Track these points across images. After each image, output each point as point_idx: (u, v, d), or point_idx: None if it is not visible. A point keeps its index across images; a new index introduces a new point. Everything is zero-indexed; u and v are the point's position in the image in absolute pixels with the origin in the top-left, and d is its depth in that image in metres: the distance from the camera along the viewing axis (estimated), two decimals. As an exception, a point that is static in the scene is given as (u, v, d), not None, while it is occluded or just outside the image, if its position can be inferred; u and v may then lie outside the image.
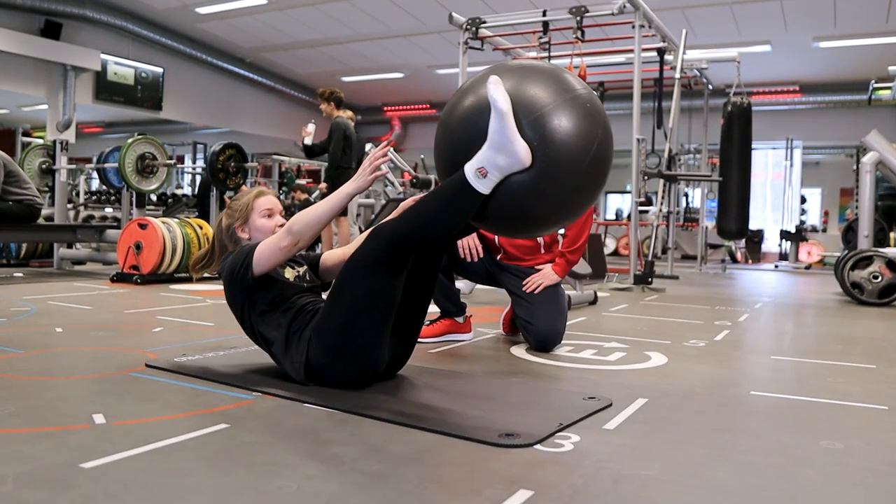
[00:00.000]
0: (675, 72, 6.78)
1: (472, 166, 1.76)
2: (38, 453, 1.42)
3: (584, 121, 1.77)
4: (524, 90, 1.78)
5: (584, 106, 1.79)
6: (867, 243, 5.80)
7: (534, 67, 1.88)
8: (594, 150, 1.77)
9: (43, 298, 4.05)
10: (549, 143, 1.74)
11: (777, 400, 2.11)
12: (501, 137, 1.72)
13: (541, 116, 1.74)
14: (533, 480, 1.34)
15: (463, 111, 1.85)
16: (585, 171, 1.79)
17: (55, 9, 11.52)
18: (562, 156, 1.74)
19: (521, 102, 1.76)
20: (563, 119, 1.75)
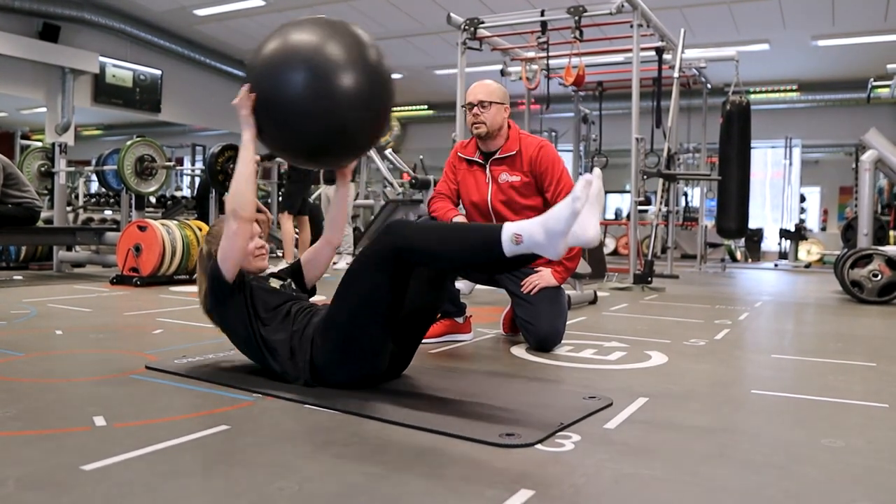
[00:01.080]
0: (673, 71, 6.78)
1: (513, 230, 1.71)
2: (39, 455, 1.42)
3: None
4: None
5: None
6: (867, 241, 5.80)
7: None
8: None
9: (43, 301, 4.05)
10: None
11: (778, 398, 2.11)
12: (560, 226, 1.67)
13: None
14: (534, 480, 1.34)
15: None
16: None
17: (53, 11, 11.52)
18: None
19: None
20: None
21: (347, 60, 2.00)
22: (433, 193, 3.15)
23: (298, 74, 1.98)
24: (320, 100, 1.98)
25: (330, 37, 2.02)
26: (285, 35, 2.06)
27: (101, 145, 15.45)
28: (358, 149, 2.24)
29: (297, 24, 2.09)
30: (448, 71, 13.67)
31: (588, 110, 9.95)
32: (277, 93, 1.99)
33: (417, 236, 1.83)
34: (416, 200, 7.61)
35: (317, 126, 2.01)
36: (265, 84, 2.02)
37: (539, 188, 2.94)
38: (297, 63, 1.99)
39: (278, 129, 2.06)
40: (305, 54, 2.00)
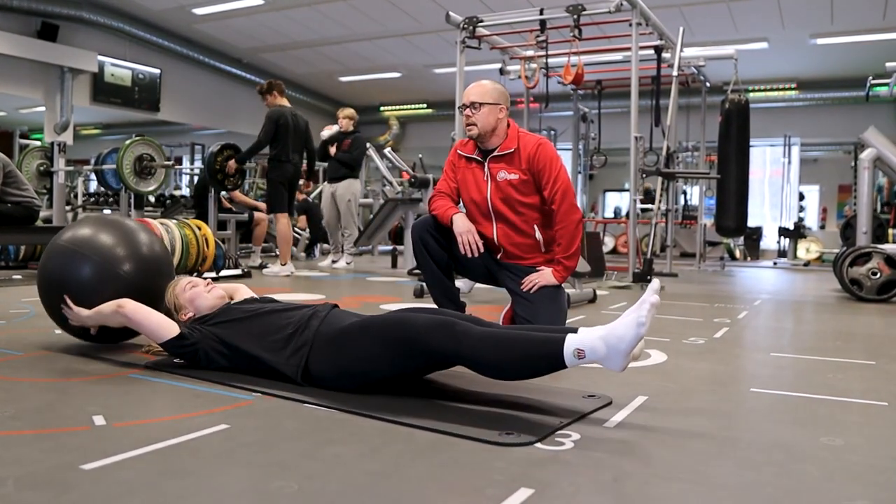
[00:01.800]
0: (672, 69, 6.78)
1: (575, 345, 1.70)
2: (39, 455, 1.42)
3: None
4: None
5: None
6: (866, 240, 5.81)
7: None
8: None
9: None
10: None
11: (777, 396, 2.11)
12: (624, 346, 1.66)
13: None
14: (534, 479, 1.34)
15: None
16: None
17: (52, 10, 11.50)
18: None
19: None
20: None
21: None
22: (433, 192, 3.15)
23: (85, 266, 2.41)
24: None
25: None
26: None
27: (100, 144, 15.43)
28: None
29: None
30: (447, 70, 13.66)
31: (587, 109, 9.94)
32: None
33: (478, 347, 1.76)
34: (415, 199, 7.61)
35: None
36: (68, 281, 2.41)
37: (537, 186, 2.94)
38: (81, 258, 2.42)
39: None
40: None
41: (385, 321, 1.90)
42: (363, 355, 1.89)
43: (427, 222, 3.03)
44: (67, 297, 2.35)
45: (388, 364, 1.87)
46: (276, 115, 6.25)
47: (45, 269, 2.48)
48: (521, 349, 1.76)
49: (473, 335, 1.77)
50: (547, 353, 1.73)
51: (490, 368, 1.79)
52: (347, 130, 7.57)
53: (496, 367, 1.78)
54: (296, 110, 6.55)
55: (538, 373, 1.79)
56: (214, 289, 2.37)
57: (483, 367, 1.79)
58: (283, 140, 6.27)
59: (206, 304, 2.30)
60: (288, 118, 6.31)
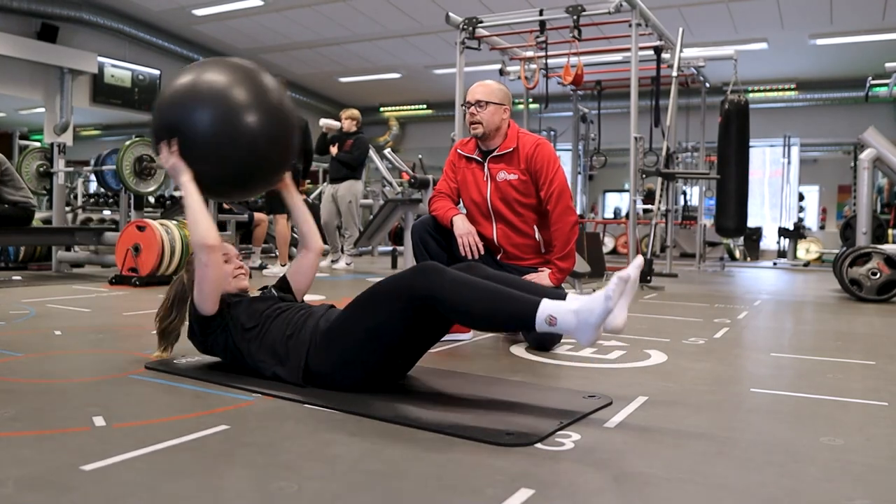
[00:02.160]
0: (672, 70, 6.78)
1: (548, 311, 1.72)
2: (39, 456, 1.42)
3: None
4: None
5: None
6: (865, 240, 5.81)
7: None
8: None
9: (41, 301, 4.05)
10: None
11: (777, 397, 2.11)
12: (593, 320, 1.67)
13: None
14: (534, 479, 1.34)
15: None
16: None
17: (51, 12, 11.50)
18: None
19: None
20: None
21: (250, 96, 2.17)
22: (433, 192, 3.15)
23: (210, 110, 2.14)
24: (235, 128, 2.14)
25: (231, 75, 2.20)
26: (191, 77, 2.21)
27: (100, 145, 15.44)
28: (275, 169, 2.33)
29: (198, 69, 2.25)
30: (447, 70, 13.67)
31: (587, 109, 9.95)
32: (197, 132, 2.13)
33: (453, 289, 1.79)
34: (415, 200, 7.61)
35: (238, 153, 2.15)
36: (183, 126, 2.14)
37: (536, 186, 2.94)
38: (207, 100, 2.15)
39: (205, 164, 2.16)
40: (212, 92, 2.16)
41: (370, 290, 1.93)
42: (356, 334, 1.90)
43: (427, 223, 3.04)
44: (173, 141, 2.13)
45: (379, 338, 1.87)
46: None
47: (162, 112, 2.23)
48: (496, 301, 1.79)
49: (448, 277, 1.81)
50: (520, 312, 1.76)
51: (462, 314, 1.81)
52: (350, 131, 7.57)
53: (467, 312, 1.80)
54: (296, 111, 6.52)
55: (506, 328, 1.84)
56: (240, 279, 2.23)
57: (456, 310, 1.80)
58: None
59: (228, 289, 2.20)
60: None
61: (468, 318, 1.84)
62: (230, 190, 2.38)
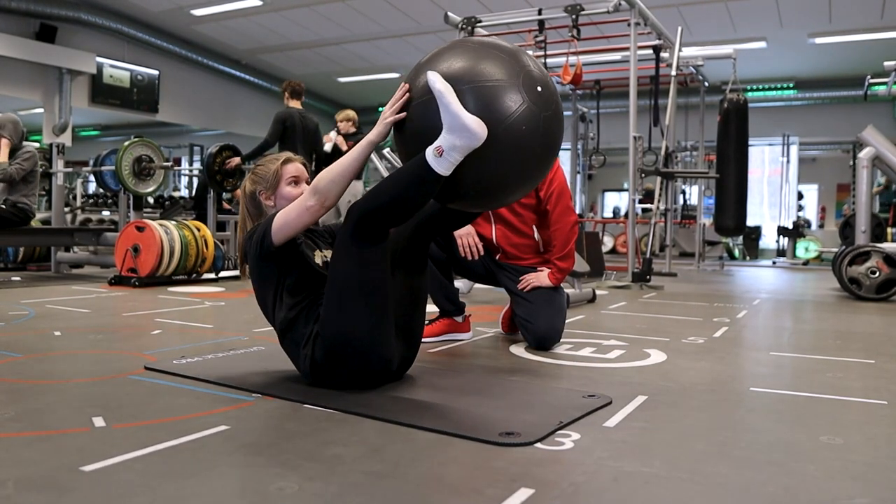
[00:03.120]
0: (671, 69, 6.79)
1: (431, 148, 1.78)
2: (39, 457, 1.42)
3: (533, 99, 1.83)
4: (478, 64, 1.84)
5: (535, 87, 1.84)
6: (865, 239, 5.81)
7: (493, 46, 1.92)
8: (542, 128, 1.84)
9: (41, 302, 4.05)
10: (498, 116, 1.79)
11: (776, 396, 2.11)
12: (451, 117, 1.75)
13: (486, 87, 1.80)
14: (534, 478, 1.34)
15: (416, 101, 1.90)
16: (536, 147, 1.87)
17: (50, 12, 11.50)
18: (512, 131, 1.80)
19: (471, 73, 1.82)
20: (513, 95, 1.80)
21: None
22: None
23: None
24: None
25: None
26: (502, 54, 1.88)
27: (99, 146, 15.45)
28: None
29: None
30: (446, 70, 13.64)
31: (586, 109, 9.95)
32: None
33: (363, 202, 1.89)
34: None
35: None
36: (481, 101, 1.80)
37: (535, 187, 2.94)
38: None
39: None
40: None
41: (331, 258, 1.98)
42: (336, 299, 1.91)
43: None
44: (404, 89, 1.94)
45: (349, 287, 1.89)
46: (282, 117, 6.29)
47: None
48: (397, 177, 1.87)
49: (357, 202, 1.91)
50: (415, 167, 1.82)
51: (388, 206, 1.86)
52: (348, 132, 7.58)
53: (389, 202, 1.86)
54: (306, 112, 6.58)
55: (420, 190, 1.84)
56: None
57: (384, 209, 1.86)
58: (290, 141, 6.30)
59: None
60: (296, 119, 6.34)
61: (388, 207, 1.87)
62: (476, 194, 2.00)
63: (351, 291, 1.89)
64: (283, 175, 2.16)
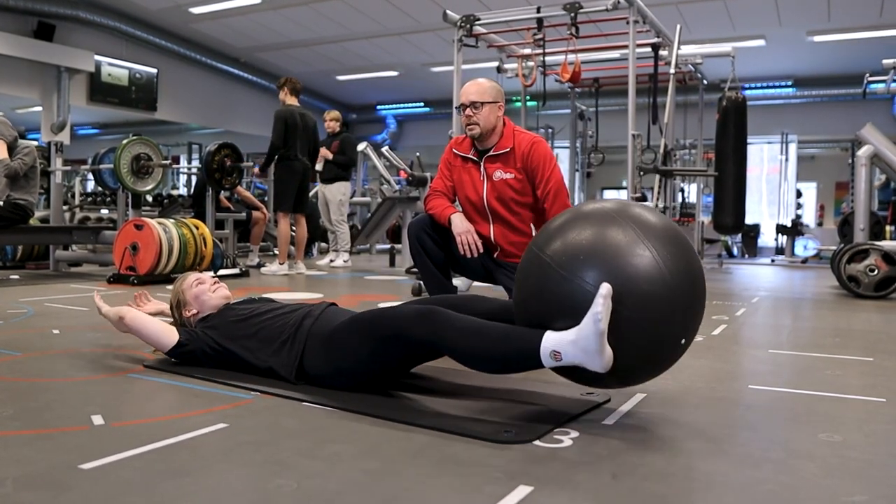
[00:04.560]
0: (669, 67, 6.78)
1: (550, 347, 1.60)
2: (37, 455, 1.42)
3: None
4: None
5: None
6: (863, 237, 5.81)
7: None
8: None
9: (40, 300, 4.04)
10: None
11: (775, 393, 2.12)
12: (592, 346, 1.54)
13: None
14: (533, 476, 1.34)
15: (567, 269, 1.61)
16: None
17: (48, 10, 11.48)
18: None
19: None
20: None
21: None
22: (429, 191, 3.15)
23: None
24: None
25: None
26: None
27: (98, 144, 15.42)
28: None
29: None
30: (444, 68, 13.65)
31: (584, 107, 9.94)
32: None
33: (455, 336, 1.74)
34: (412, 198, 7.61)
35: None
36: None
37: (532, 185, 2.94)
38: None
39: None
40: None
41: (372, 317, 1.90)
42: (353, 352, 1.90)
43: (423, 221, 3.03)
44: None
45: (377, 358, 1.87)
46: (283, 115, 6.32)
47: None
48: (499, 344, 1.71)
49: (452, 327, 1.75)
50: (525, 352, 1.66)
51: (468, 359, 1.77)
52: (335, 132, 7.62)
53: (472, 357, 1.76)
54: (304, 110, 6.61)
55: (517, 369, 1.77)
56: (220, 288, 2.37)
57: (461, 357, 1.77)
58: (291, 139, 6.33)
59: (211, 304, 2.31)
60: (296, 117, 6.37)
61: (473, 363, 1.78)
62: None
63: (379, 359, 1.89)
64: (185, 290, 2.36)
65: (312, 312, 2.08)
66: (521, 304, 1.75)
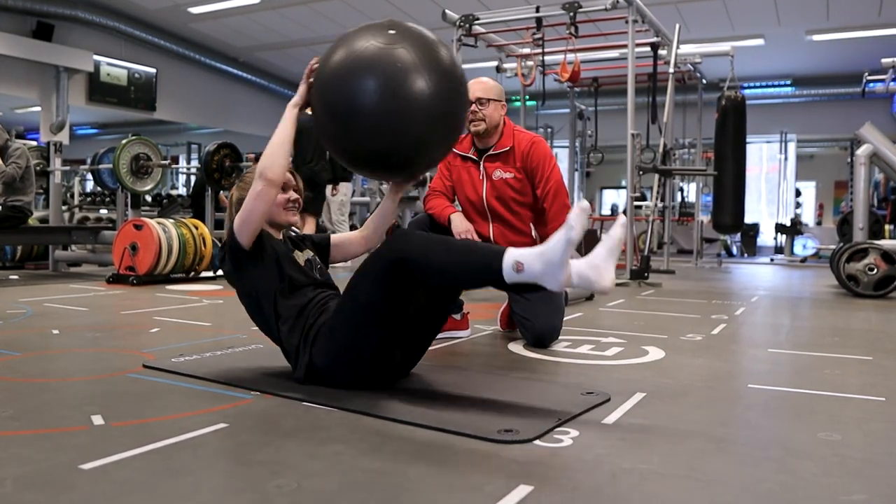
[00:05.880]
0: (668, 67, 6.79)
1: (514, 258, 1.67)
2: (37, 455, 1.42)
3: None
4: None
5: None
6: (862, 236, 5.82)
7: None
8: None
9: (39, 301, 4.04)
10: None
11: (775, 392, 2.12)
12: (557, 257, 1.62)
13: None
14: (533, 475, 1.35)
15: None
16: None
17: (47, 10, 11.48)
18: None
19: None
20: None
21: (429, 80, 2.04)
22: (428, 190, 3.15)
23: (371, 85, 2.03)
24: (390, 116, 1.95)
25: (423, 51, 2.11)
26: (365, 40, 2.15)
27: (97, 144, 15.41)
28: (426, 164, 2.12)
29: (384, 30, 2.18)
30: (443, 68, 13.64)
31: (584, 106, 9.95)
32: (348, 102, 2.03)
33: (419, 249, 1.78)
34: (412, 197, 7.61)
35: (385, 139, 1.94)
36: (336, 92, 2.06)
37: (532, 184, 2.94)
38: (371, 75, 2.06)
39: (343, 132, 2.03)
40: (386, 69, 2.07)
41: (355, 274, 1.89)
42: (347, 319, 1.88)
43: (423, 221, 3.03)
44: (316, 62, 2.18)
45: (367, 315, 1.85)
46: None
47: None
48: (464, 254, 1.78)
49: (416, 240, 1.81)
50: (487, 261, 1.73)
51: (433, 272, 1.77)
52: None
53: (438, 269, 1.77)
54: None
55: (475, 280, 1.80)
56: (292, 213, 2.13)
57: (427, 269, 1.77)
58: (301, 143, 6.38)
59: (278, 217, 2.11)
60: (305, 124, 6.35)
61: (439, 275, 1.79)
62: (354, 164, 2.15)
63: (372, 314, 1.86)
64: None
65: (330, 308, 2.02)
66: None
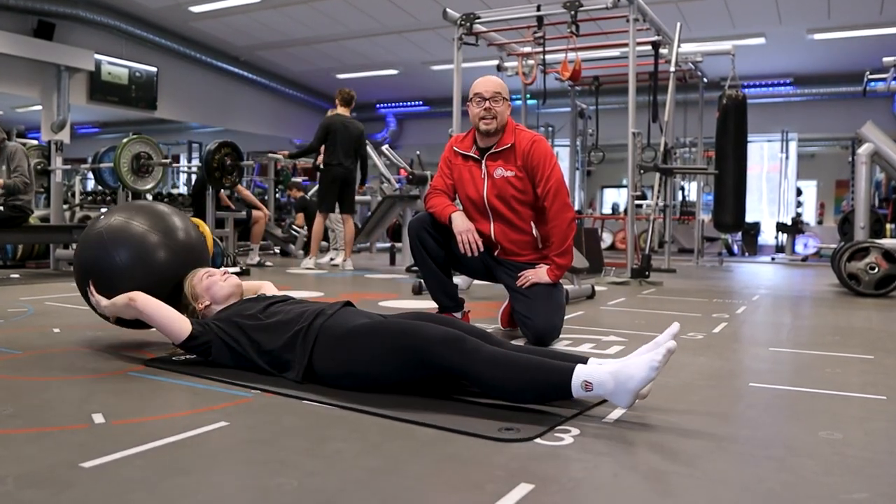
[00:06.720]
0: (669, 65, 6.78)
1: (582, 376, 1.68)
2: (38, 453, 1.42)
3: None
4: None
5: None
6: (863, 235, 5.81)
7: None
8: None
9: (40, 299, 4.04)
10: None
11: (776, 391, 2.12)
12: (633, 385, 1.64)
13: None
14: (534, 474, 1.34)
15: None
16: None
17: (48, 9, 11.47)
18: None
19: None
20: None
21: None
22: (429, 189, 3.14)
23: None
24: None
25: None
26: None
27: (98, 143, 15.42)
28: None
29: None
30: (444, 66, 13.64)
31: (584, 105, 9.95)
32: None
33: (485, 369, 1.74)
34: (413, 196, 7.61)
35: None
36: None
37: (532, 183, 2.94)
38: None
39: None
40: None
41: (396, 328, 1.88)
42: (370, 358, 1.87)
43: (424, 220, 3.03)
44: (92, 283, 2.39)
45: (394, 370, 1.85)
46: (326, 123, 6.79)
47: (78, 256, 2.52)
48: (530, 375, 1.73)
49: (482, 356, 1.75)
50: (555, 383, 1.71)
51: (496, 390, 1.77)
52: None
53: (502, 389, 1.76)
54: (351, 119, 6.96)
55: (544, 400, 1.77)
56: (231, 278, 2.37)
57: (489, 388, 1.77)
58: (332, 146, 6.78)
59: (223, 293, 2.31)
60: (338, 125, 6.79)
61: (502, 394, 1.78)
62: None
63: (394, 369, 1.86)
64: (196, 284, 2.37)
65: (326, 311, 2.06)
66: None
